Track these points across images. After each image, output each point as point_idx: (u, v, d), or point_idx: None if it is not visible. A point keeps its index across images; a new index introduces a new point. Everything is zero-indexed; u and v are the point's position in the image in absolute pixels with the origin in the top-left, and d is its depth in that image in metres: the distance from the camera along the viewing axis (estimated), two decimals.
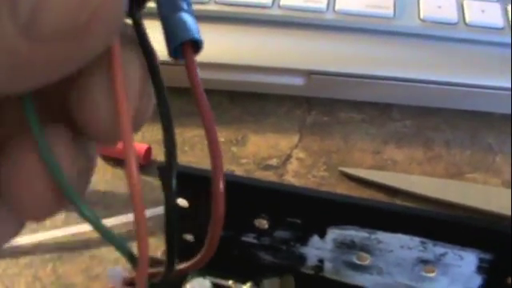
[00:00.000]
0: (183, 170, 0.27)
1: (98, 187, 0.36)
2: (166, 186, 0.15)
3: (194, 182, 0.27)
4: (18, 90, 0.12)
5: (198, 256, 0.16)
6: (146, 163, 0.37)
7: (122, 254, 0.15)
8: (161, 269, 0.16)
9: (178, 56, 0.15)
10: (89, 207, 0.14)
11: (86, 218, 0.14)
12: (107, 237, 0.15)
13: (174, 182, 0.15)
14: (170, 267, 0.16)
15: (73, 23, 0.11)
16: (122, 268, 0.29)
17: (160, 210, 0.34)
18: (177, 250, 0.16)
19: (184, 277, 0.28)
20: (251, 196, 0.27)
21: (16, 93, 0.12)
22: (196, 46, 0.15)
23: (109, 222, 0.34)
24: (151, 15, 0.15)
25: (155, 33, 0.15)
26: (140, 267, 0.14)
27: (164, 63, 0.18)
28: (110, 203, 0.35)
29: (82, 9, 0.11)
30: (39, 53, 0.11)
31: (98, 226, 0.14)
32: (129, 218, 0.34)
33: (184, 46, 0.14)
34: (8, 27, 0.11)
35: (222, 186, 0.15)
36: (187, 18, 0.14)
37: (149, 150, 0.37)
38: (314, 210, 0.27)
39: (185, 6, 0.15)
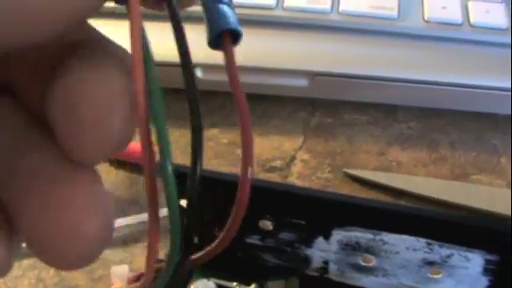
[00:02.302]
0: (184, 170, 0.27)
1: None
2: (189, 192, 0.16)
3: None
4: (29, 38, 0.12)
5: (215, 243, 0.16)
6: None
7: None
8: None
9: (217, 46, 0.15)
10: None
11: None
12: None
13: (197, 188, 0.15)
14: (184, 258, 0.16)
15: None
16: (126, 267, 0.29)
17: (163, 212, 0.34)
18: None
19: (188, 278, 0.28)
20: (255, 197, 0.27)
21: (29, 43, 0.12)
22: (235, 38, 0.15)
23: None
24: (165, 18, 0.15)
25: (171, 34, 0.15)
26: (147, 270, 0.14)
27: (171, 65, 0.18)
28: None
29: None
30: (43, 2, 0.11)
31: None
32: (133, 219, 0.34)
33: (223, 35, 0.15)
34: None
35: (249, 174, 0.15)
36: (228, 10, 0.15)
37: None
38: (318, 211, 0.27)
39: (226, 0, 0.15)
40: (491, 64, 0.39)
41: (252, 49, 0.39)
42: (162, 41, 0.37)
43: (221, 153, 0.38)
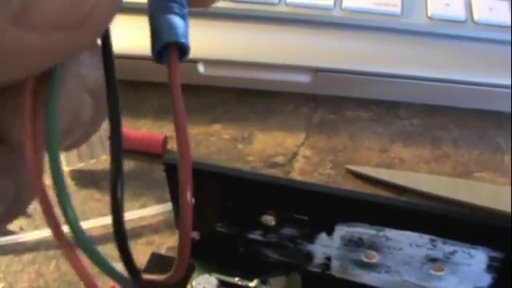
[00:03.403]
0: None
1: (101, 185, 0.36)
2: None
3: (200, 178, 0.27)
4: (7, 78, 0.12)
5: (172, 271, 0.15)
6: (162, 153, 0.36)
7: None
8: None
9: (162, 60, 0.14)
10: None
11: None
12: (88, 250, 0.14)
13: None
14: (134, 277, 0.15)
15: (66, 20, 0.11)
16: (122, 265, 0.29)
17: (164, 207, 0.34)
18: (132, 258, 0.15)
19: (189, 274, 0.28)
20: (258, 192, 0.27)
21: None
22: (182, 51, 0.14)
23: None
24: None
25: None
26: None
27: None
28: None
29: (78, 8, 0.11)
30: (28, 41, 0.11)
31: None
32: (134, 215, 0.34)
33: (169, 49, 0.14)
34: None
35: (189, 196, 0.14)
36: (177, 20, 0.14)
37: (165, 140, 0.37)
38: (321, 207, 0.27)
39: (176, 9, 0.14)
40: (494, 61, 0.39)
41: (254, 44, 0.39)
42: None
43: (223, 148, 0.37)
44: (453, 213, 0.26)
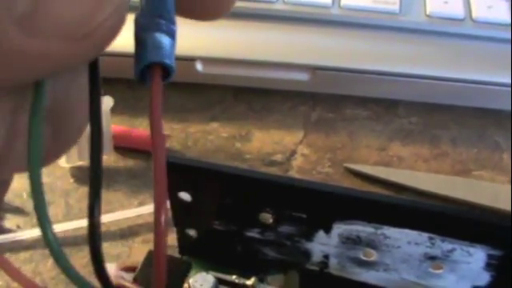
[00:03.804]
0: (186, 162, 0.27)
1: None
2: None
3: (197, 175, 0.27)
4: (4, 81, 0.12)
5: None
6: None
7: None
8: None
9: (144, 80, 0.13)
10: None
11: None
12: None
13: None
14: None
15: (71, 32, 0.11)
16: (116, 266, 0.29)
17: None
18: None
19: (186, 271, 0.27)
20: (256, 190, 0.27)
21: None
22: (166, 72, 0.13)
23: (110, 217, 0.33)
24: None
25: None
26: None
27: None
28: (110, 199, 0.35)
29: (85, 22, 0.11)
30: (30, 46, 0.11)
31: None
32: (132, 213, 0.33)
33: (152, 69, 0.13)
34: (2, 15, 0.11)
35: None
36: (164, 39, 0.13)
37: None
38: (319, 204, 0.26)
39: (164, 27, 0.13)
40: (493, 59, 0.39)
41: (253, 42, 0.39)
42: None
43: (221, 146, 0.37)
44: (451, 211, 0.25)
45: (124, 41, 0.14)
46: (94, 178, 0.13)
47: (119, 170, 0.36)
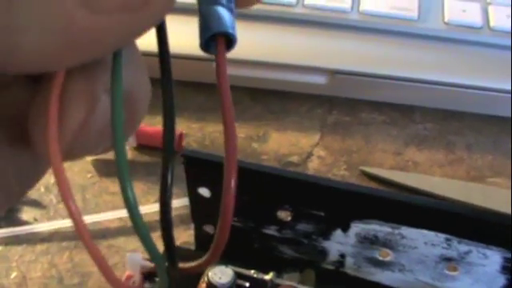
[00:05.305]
0: (205, 157, 0.27)
1: None
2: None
3: (216, 171, 0.27)
4: (70, 61, 0.12)
5: (208, 255, 0.15)
6: (177, 149, 0.37)
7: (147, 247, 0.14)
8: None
9: (209, 49, 0.14)
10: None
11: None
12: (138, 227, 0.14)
13: None
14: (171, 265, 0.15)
15: (131, 2, 0.12)
16: (141, 255, 0.29)
17: (179, 202, 0.34)
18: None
19: None
20: (275, 186, 0.27)
21: (66, 65, 0.12)
22: (229, 42, 0.14)
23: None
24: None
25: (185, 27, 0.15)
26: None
27: (186, 57, 0.18)
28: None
29: None
30: (95, 24, 0.12)
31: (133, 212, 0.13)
32: (149, 209, 0.34)
33: (216, 39, 0.14)
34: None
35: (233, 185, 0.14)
36: (224, 12, 0.14)
37: (181, 136, 0.37)
38: (338, 203, 0.27)
39: (223, 1, 0.14)
40: (510, 68, 0.39)
41: (272, 45, 0.39)
42: (181, 34, 0.38)
43: (238, 147, 0.38)
44: (469, 212, 0.26)
45: (146, 40, 0.14)
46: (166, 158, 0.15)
47: (136, 166, 0.36)
